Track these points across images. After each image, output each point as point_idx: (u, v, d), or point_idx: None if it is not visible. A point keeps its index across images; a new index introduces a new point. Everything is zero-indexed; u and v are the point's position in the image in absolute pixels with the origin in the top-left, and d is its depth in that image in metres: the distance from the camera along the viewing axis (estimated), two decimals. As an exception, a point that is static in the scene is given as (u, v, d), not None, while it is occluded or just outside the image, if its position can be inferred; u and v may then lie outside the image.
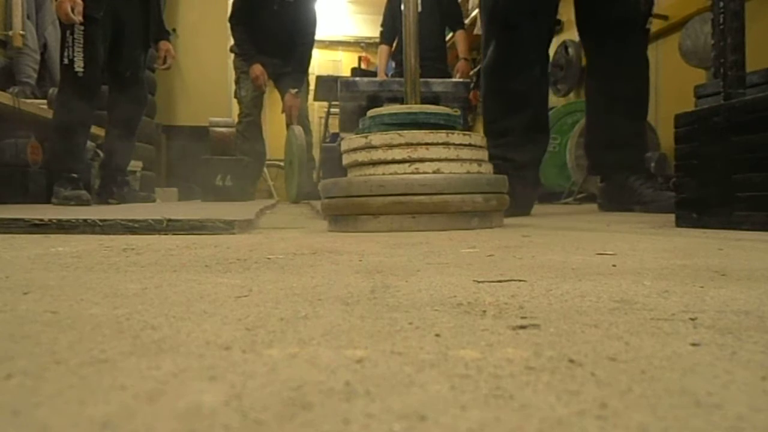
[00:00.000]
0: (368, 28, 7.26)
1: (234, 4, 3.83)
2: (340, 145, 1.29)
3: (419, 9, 1.30)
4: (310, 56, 3.96)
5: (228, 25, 3.95)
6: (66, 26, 2.49)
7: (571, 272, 0.52)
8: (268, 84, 3.95)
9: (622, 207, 1.93)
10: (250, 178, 4.05)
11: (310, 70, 4.18)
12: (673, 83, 3.53)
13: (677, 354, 0.26)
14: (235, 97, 4.07)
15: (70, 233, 1.05)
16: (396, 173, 1.11)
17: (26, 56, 3.59)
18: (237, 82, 4.01)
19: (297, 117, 3.83)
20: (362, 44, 7.44)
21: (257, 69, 3.78)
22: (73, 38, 2.48)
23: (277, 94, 4.09)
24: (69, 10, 2.38)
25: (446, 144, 1.12)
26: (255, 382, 0.22)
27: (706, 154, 1.07)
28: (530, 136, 1.92)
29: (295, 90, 3.80)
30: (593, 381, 0.22)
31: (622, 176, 1.96)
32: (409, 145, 1.11)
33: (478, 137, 1.19)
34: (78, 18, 2.41)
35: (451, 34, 4.15)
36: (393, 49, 4.00)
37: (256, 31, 3.77)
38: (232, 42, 4.04)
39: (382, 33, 4.15)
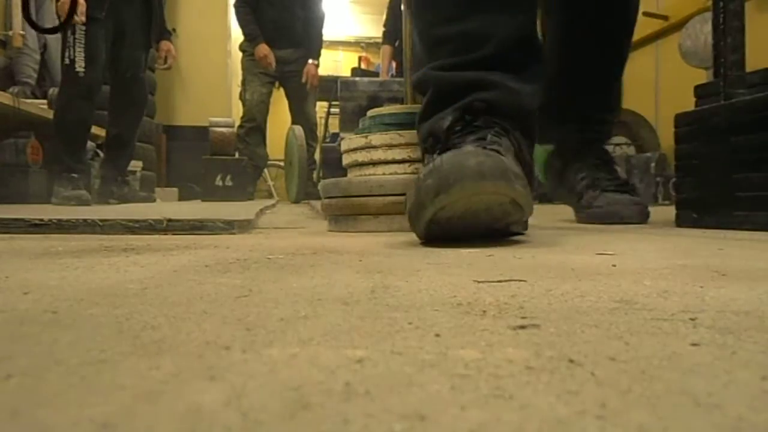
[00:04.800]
0: (369, 28, 7.26)
1: None
2: (340, 145, 1.29)
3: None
4: (321, 36, 4.00)
5: (228, 25, 3.95)
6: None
7: (571, 272, 0.52)
8: (275, 69, 3.90)
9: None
10: (250, 179, 4.04)
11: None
12: (673, 83, 3.53)
13: (677, 354, 0.26)
14: (240, 99, 4.01)
15: (70, 233, 1.04)
16: (396, 173, 1.11)
17: (26, 56, 3.59)
18: (243, 83, 3.95)
19: (316, 87, 3.86)
20: (362, 44, 7.44)
21: (263, 48, 3.75)
22: (75, 38, 2.48)
23: (276, 95, 4.08)
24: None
25: (446, 144, 1.12)
26: (255, 382, 0.22)
27: (706, 154, 1.07)
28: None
29: (316, 62, 3.86)
30: (593, 381, 0.22)
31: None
32: (409, 145, 1.11)
33: (478, 137, 1.19)
34: (81, 18, 2.41)
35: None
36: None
37: (263, 18, 3.77)
38: (232, 42, 4.03)
39: (384, 33, 4.15)
